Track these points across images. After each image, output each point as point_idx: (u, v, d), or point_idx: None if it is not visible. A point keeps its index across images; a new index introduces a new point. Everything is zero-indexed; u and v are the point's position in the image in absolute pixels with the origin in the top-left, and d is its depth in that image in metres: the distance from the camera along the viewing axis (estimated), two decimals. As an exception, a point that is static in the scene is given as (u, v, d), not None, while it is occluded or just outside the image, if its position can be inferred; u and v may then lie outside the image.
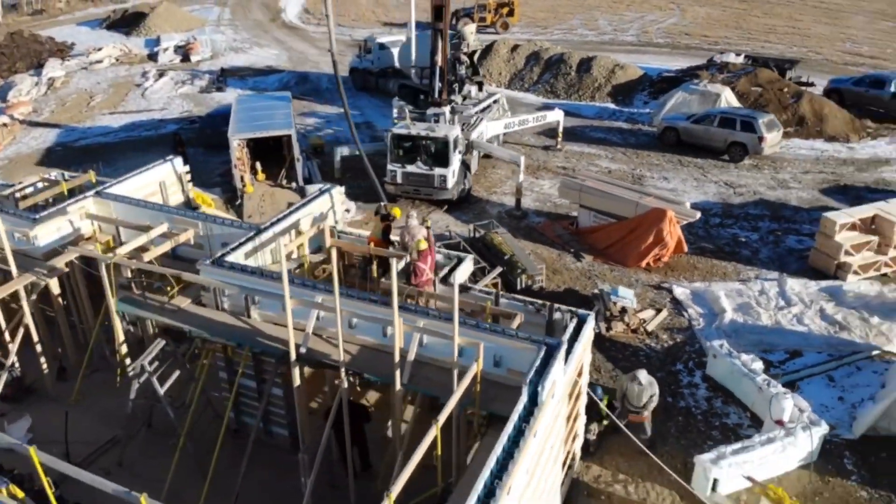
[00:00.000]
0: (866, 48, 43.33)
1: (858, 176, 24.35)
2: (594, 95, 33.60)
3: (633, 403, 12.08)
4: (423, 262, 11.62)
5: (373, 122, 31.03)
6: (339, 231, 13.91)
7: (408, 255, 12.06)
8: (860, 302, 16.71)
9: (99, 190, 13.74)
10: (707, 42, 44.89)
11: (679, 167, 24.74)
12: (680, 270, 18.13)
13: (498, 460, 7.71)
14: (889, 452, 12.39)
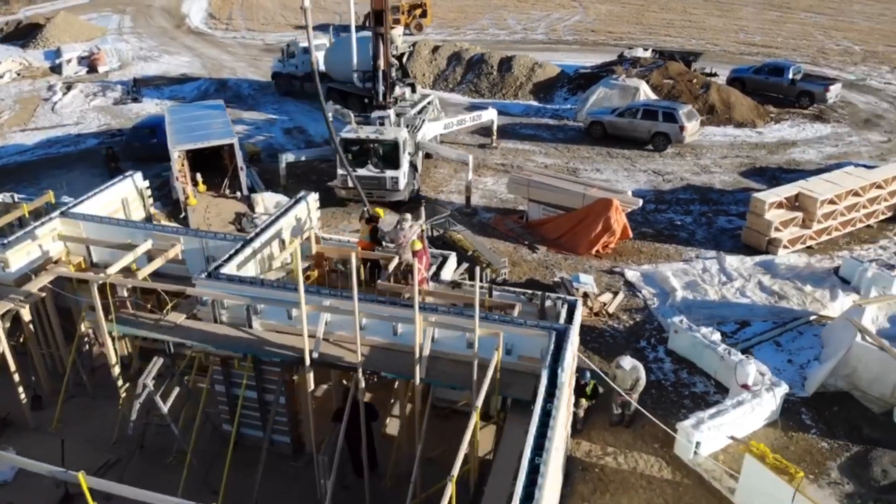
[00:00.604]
0: (758, 38, 46.68)
1: (771, 158, 26.47)
2: (517, 94, 34.71)
3: (620, 387, 12.90)
4: (418, 261, 12.01)
5: (303, 126, 30.90)
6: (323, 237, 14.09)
7: (397, 257, 12.42)
8: (792, 273, 18.36)
9: (64, 210, 13.31)
10: (612, 38, 47.06)
11: (609, 159, 26.09)
12: (627, 255, 19.28)
13: (535, 440, 8.25)
14: (840, 406, 13.81)
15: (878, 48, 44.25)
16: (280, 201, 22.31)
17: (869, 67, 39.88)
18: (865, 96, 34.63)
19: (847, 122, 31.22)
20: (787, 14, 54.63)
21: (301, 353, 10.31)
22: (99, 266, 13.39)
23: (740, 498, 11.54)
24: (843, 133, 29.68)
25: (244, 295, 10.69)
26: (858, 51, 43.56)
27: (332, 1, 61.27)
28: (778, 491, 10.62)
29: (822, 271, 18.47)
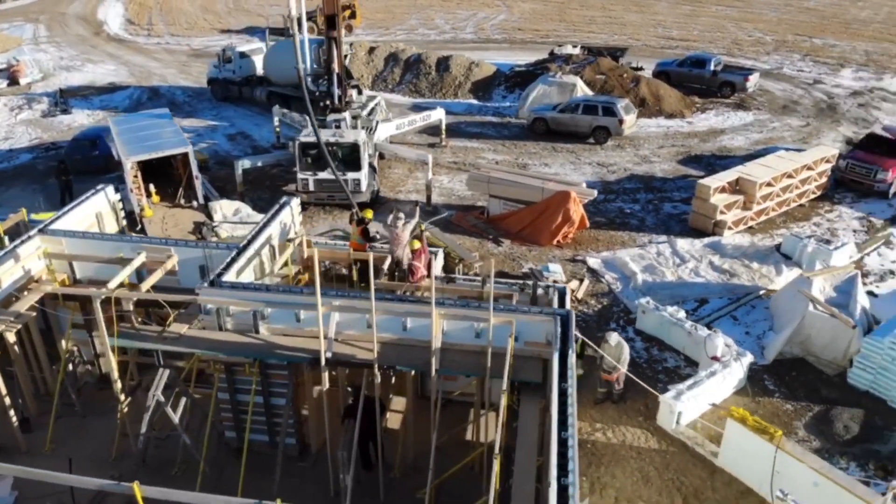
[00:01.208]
0: (675, 32, 48.98)
1: (704, 146, 28.10)
2: (457, 93, 35.40)
3: (605, 363, 13.72)
4: (417, 260, 12.45)
5: (246, 131, 30.61)
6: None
7: (389, 256, 12.83)
8: (739, 252, 19.74)
9: (42, 228, 13.07)
10: (539, 36, 48.40)
11: (555, 153, 27.10)
12: (586, 244, 20.24)
13: (559, 416, 8.88)
14: (797, 371, 15.10)
15: (788, 37, 47.27)
16: (239, 208, 22.26)
17: (781, 56, 42.59)
18: (781, 84, 37.03)
19: (767, 109, 33.35)
20: (699, 8, 57.45)
21: (315, 353, 10.61)
22: (82, 282, 13.23)
23: (723, 460, 12.54)
24: (765, 120, 31.74)
25: (257, 300, 10.87)
26: (770, 41, 46.39)
27: (254, 3, 60.51)
28: (760, 450, 11.63)
29: (766, 249, 19.93)
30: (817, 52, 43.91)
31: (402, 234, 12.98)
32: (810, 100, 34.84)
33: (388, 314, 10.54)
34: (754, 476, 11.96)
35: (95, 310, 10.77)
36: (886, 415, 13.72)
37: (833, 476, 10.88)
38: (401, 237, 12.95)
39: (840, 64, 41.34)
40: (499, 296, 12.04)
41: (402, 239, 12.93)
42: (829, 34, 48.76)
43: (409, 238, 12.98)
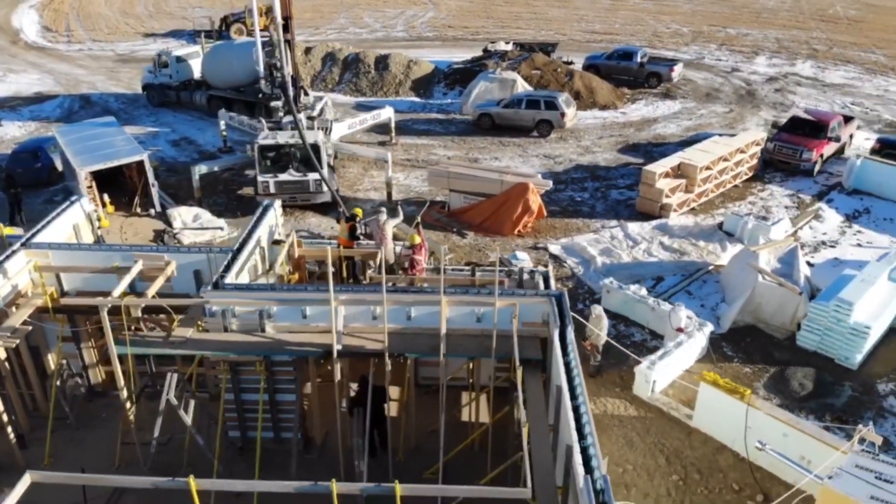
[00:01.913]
0: (598, 26, 50.89)
1: (639, 135, 29.63)
2: (398, 91, 35.89)
3: (587, 331, 14.67)
4: (417, 254, 13.03)
5: (189, 136, 30.24)
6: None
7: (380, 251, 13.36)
8: (685, 232, 21.15)
9: (25, 242, 12.95)
10: (469, 33, 49.36)
11: (502, 147, 28.04)
12: (545, 232, 21.23)
13: (569, 386, 9.67)
14: (751, 337, 16.47)
15: (703, 28, 49.89)
16: (198, 214, 22.21)
17: (699, 47, 44.97)
18: (702, 73, 39.19)
19: (692, 97, 35.32)
20: (618, 2, 59.69)
21: (325, 347, 11.08)
22: (70, 294, 13.19)
23: (698, 421, 13.69)
24: (692, 107, 33.63)
25: (269, 299, 11.22)
26: (687, 32, 48.86)
27: (176, 6, 59.11)
28: (732, 409, 12.79)
29: (709, 228, 21.43)
30: (732, 42, 46.59)
31: (385, 231, 13.51)
32: (731, 87, 37.07)
33: (398, 305, 11.08)
34: (727, 433, 13.12)
35: (103, 319, 10.86)
36: (835, 371, 15.20)
37: (801, 427, 12.14)
38: (385, 234, 13.48)
39: (754, 52, 44.05)
40: (490, 282, 12.76)
41: (387, 235, 13.47)
42: (741, 24, 51.74)
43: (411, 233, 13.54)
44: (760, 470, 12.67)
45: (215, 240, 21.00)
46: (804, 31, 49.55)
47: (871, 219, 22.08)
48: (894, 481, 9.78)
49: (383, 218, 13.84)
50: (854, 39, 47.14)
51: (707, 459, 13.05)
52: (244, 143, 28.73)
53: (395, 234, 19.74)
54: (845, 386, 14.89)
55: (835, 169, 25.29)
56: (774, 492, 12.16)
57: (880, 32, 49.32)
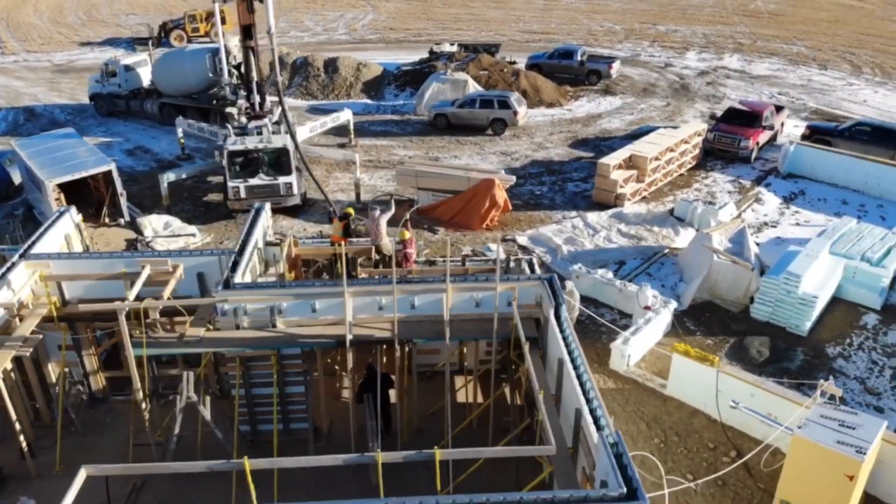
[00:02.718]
0: (535, 26, 52.46)
1: (587, 130, 31.09)
2: (349, 93, 36.44)
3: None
4: (408, 248, 13.81)
5: (144, 145, 30.09)
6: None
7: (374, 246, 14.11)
8: (640, 219, 22.56)
9: (23, 254, 13.15)
10: (411, 34, 50.20)
11: (460, 146, 29.02)
12: (511, 225, 22.30)
13: (569, 357, 10.67)
14: (710, 312, 17.90)
15: (635, 26, 52.08)
16: (168, 221, 22.37)
17: (632, 44, 47.03)
18: (638, 69, 41.12)
19: (630, 93, 37.12)
20: (552, 2, 61.54)
21: (337, 338, 11.78)
22: (72, 303, 13.44)
23: (672, 389, 14.94)
24: (631, 103, 35.38)
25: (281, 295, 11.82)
26: (620, 30, 50.94)
27: (108, 13, 57.86)
28: (703, 375, 14.06)
29: (661, 214, 22.92)
30: (663, 38, 48.87)
31: (380, 226, 14.29)
32: (665, 82, 39.08)
33: (406, 294, 11.87)
34: (700, 398, 14.40)
35: (121, 322, 11.26)
36: (787, 338, 16.75)
37: (766, 387, 13.50)
38: (379, 228, 14.25)
39: (684, 47, 46.38)
40: (480, 270, 13.69)
41: (381, 229, 14.25)
42: (669, 20, 54.21)
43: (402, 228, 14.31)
44: (731, 429, 13.99)
45: (189, 246, 21.22)
46: (729, 27, 52.33)
47: (806, 200, 24.02)
48: (855, 427, 11.17)
49: (377, 213, 14.60)
50: (776, 32, 50.11)
51: (683, 423, 14.30)
52: (202, 150, 29.00)
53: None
54: (798, 351, 16.44)
55: (770, 155, 27.27)
56: (745, 447, 13.47)
57: (800, 25, 52.56)
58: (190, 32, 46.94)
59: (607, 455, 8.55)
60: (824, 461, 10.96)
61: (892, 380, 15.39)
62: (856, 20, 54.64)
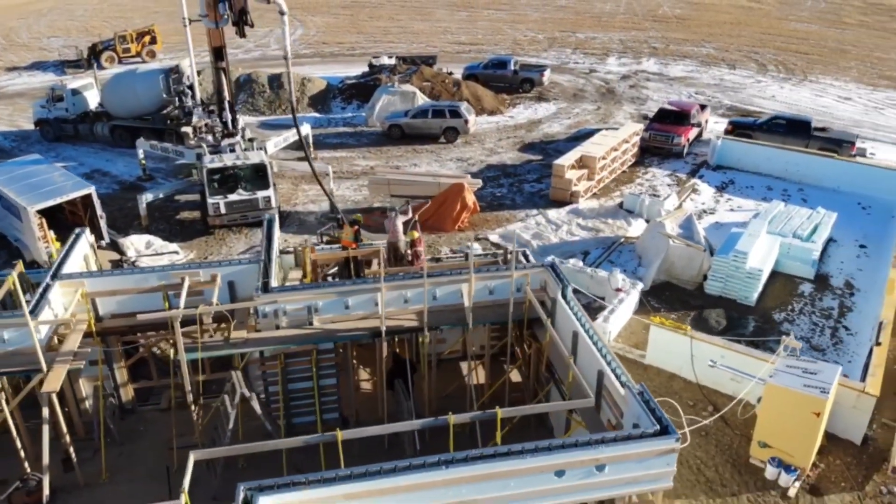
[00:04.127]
0: (463, 37, 54.58)
1: (531, 135, 33.23)
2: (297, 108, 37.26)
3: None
4: (419, 246, 15.24)
5: (101, 168, 30.15)
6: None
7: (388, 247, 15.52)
8: (594, 213, 24.72)
9: (55, 274, 13.82)
10: (345, 48, 51.36)
11: (417, 154, 30.55)
12: (481, 225, 24.01)
13: (581, 328, 12.40)
14: (669, 291, 20.11)
15: (556, 34, 54.99)
16: (150, 241, 22.90)
17: (556, 52, 49.78)
18: (565, 76, 43.76)
19: (562, 98, 39.63)
20: (474, 13, 63.95)
21: (372, 330, 13.13)
22: (105, 319, 14.19)
23: (650, 358, 16.94)
24: (566, 108, 37.85)
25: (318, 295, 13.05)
26: (543, 39, 53.70)
27: (28, 37, 56.27)
28: (678, 343, 16.12)
29: (612, 208, 25.17)
30: (583, 45, 51.92)
31: (397, 227, 15.71)
32: (592, 87, 41.84)
33: (434, 286, 13.31)
34: (676, 363, 16.46)
35: (175, 329, 12.21)
36: (739, 309, 19.11)
37: (733, 348, 15.67)
38: (396, 229, 15.68)
39: (605, 53, 49.49)
40: (483, 263, 15.29)
41: (398, 230, 15.67)
42: (586, 28, 57.48)
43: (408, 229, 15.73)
44: (705, 388, 16.09)
45: (174, 263, 21.82)
46: (642, 32, 56.03)
47: (736, 188, 26.85)
48: (817, 373, 13.39)
49: (394, 215, 16.01)
50: (685, 36, 54.09)
51: (664, 386, 16.30)
52: (162, 171, 29.42)
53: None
54: (749, 319, 18.83)
55: (699, 150, 30.11)
56: (720, 402, 15.58)
57: (706, 28, 56.84)
58: (121, 53, 46.57)
59: (637, 402, 10.33)
60: (794, 403, 13.12)
61: (832, 338, 17.96)
62: (755, 21, 59.51)
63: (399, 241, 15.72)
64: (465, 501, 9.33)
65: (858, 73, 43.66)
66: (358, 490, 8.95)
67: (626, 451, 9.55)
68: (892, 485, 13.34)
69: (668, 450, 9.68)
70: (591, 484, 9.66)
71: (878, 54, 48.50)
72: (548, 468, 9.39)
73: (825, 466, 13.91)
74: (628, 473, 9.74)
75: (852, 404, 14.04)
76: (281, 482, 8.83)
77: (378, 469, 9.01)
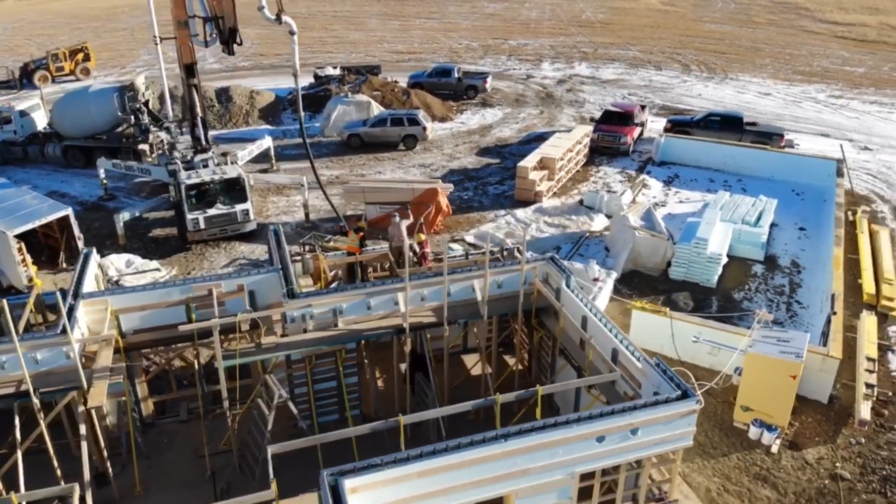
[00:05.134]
0: (400, 46, 55.65)
1: (485, 140, 34.61)
2: (247, 121, 37.54)
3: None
4: (425, 248, 16.20)
5: (58, 190, 29.65)
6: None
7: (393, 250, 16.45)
8: (558, 211, 26.26)
9: (76, 294, 14.11)
10: (283, 60, 51.44)
11: (380, 162, 31.41)
12: (455, 226, 25.15)
13: (589, 310, 13.71)
14: (637, 279, 21.76)
15: (489, 42, 56.78)
16: (130, 259, 22.96)
17: (492, 59, 51.50)
18: (505, 82, 45.48)
19: (505, 104, 41.27)
20: (405, 22, 65.12)
21: (396, 328, 14.05)
22: (129, 334, 14.55)
23: (633, 339, 18.11)
24: (511, 112, 39.46)
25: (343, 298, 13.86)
26: (477, 47, 55.36)
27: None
28: (658, 324, 17.69)
29: (574, 205, 26.79)
30: (517, 52, 53.87)
31: (403, 231, 16.64)
32: (532, 92, 43.71)
33: (453, 283, 14.33)
34: (657, 343, 17.98)
35: (215, 338, 12.80)
36: (702, 291, 20.93)
37: (710, 325, 17.35)
38: (402, 232, 16.61)
39: (538, 59, 51.56)
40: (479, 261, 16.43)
41: (404, 234, 16.61)
42: (517, 35, 59.56)
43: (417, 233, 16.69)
44: (685, 363, 17.70)
45: (159, 280, 22.03)
46: (569, 37, 58.54)
47: (681, 181, 28.97)
48: (789, 340, 15.15)
49: (397, 220, 16.92)
50: (611, 40, 56.86)
51: (648, 364, 17.82)
52: (123, 189, 29.27)
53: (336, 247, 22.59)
54: (712, 299, 20.68)
55: (643, 148, 32.19)
56: (699, 374, 17.20)
57: (628, 31, 59.85)
58: (54, 72, 45.41)
59: (656, 373, 11.70)
60: (773, 368, 14.82)
61: (788, 311, 19.98)
62: (673, 23, 63.07)
63: (403, 245, 16.66)
64: (520, 471, 10.42)
65: (774, 70, 47.21)
66: (429, 467, 9.91)
67: (655, 415, 10.87)
68: (860, 436, 15.23)
69: (690, 411, 11.07)
70: (626, 447, 10.93)
71: (790, 51, 52.48)
72: (591, 434, 10.60)
73: (799, 424, 15.69)
74: (657, 435, 11.07)
75: (818, 367, 15.88)
76: (359, 466, 9.69)
77: (444, 447, 9.99)
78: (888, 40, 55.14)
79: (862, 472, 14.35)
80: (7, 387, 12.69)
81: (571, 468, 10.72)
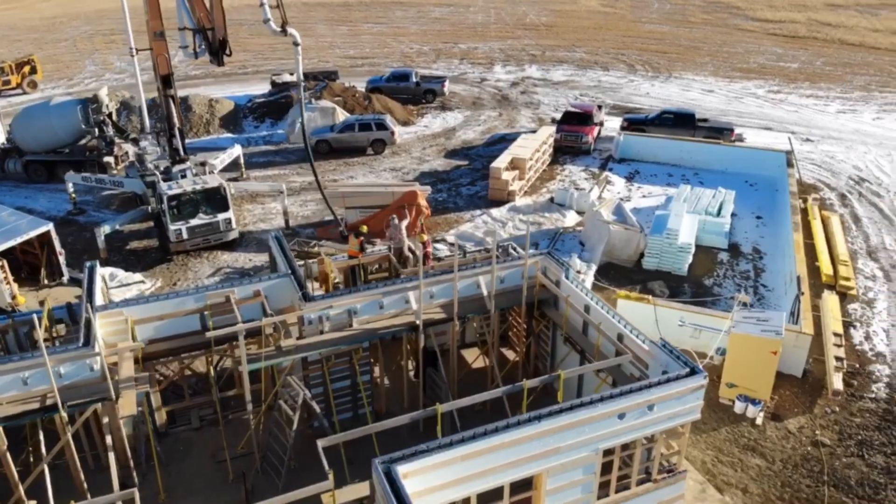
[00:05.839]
0: (351, 51, 55.94)
1: (451, 142, 35.40)
2: (208, 129, 37.36)
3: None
4: (428, 247, 16.84)
5: (24, 206, 28.96)
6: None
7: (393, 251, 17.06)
8: (531, 209, 27.27)
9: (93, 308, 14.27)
10: (236, 67, 51.15)
11: (350, 167, 31.82)
12: (435, 228, 25.84)
13: (587, 297, 14.65)
14: (613, 270, 22.89)
15: (440, 46, 57.59)
16: (113, 273, 22.80)
17: (445, 63, 52.35)
18: (460, 85, 46.39)
19: (464, 107, 42.17)
20: (354, 27, 65.38)
21: (409, 325, 14.69)
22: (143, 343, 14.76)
23: (619, 328, 19.51)
24: (472, 115, 40.38)
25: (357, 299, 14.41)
26: (429, 51, 56.13)
27: None
28: (642, 311, 18.74)
29: (545, 203, 27.85)
30: (468, 56, 54.88)
31: (402, 232, 17.26)
32: (488, 95, 44.74)
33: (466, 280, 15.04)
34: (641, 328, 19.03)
35: (240, 342, 13.19)
36: (675, 279, 22.21)
37: (691, 310, 18.55)
38: (402, 234, 17.23)
39: (490, 62, 52.67)
40: (485, 258, 17.20)
41: (403, 235, 17.23)
42: (466, 39, 60.58)
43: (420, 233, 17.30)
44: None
45: (144, 293, 22.02)
46: (517, 40, 59.90)
47: (642, 177, 30.39)
48: (768, 319, 16.42)
49: (397, 222, 17.49)
50: (556, 42, 58.46)
51: (636, 350, 18.91)
52: (91, 203, 28.92)
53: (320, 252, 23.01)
54: (685, 286, 21.98)
55: (603, 146, 33.55)
56: (683, 356, 18.38)
57: (573, 33, 61.62)
58: (1, 86, 44.05)
59: (663, 353, 12.70)
60: (755, 346, 16.05)
61: (755, 294, 21.43)
62: (614, 24, 65.22)
63: (403, 246, 17.29)
64: (552, 450, 11.23)
65: (714, 68, 49.55)
66: (471, 451, 10.62)
67: (669, 392, 11.83)
68: (835, 405, 16.64)
69: (699, 386, 12.08)
70: (643, 422, 11.86)
71: (727, 49, 55.08)
72: (614, 412, 11.48)
73: (779, 398, 17.01)
74: (670, 410, 12.04)
75: (793, 343, 17.24)
76: (407, 453, 10.31)
77: (484, 431, 10.70)
78: (817, 36, 58.48)
79: (840, 437, 15.71)
80: (32, 402, 12.81)
81: (596, 445, 11.58)
